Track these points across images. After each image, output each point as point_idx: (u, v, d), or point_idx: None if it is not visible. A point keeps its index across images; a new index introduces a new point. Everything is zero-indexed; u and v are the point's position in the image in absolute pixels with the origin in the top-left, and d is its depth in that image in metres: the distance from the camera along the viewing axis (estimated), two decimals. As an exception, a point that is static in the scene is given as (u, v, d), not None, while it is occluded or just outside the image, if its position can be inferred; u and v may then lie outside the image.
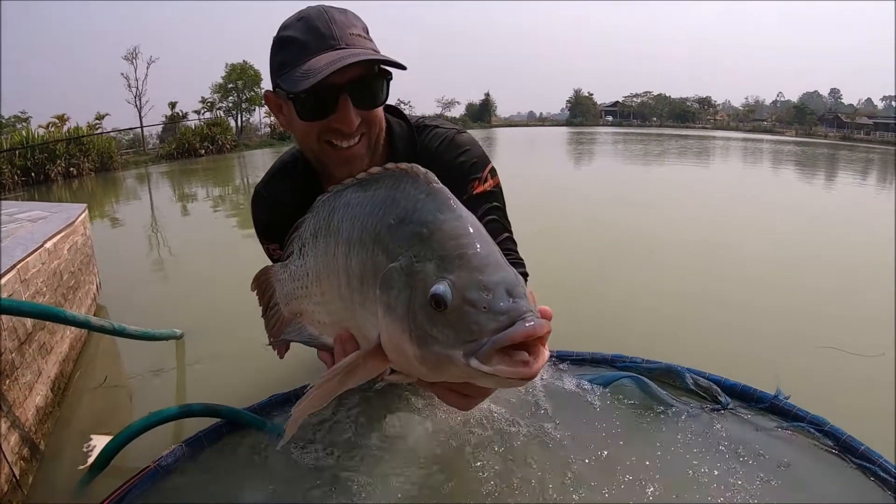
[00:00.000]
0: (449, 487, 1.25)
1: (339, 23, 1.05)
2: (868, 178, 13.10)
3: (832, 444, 1.37)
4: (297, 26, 1.06)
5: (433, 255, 0.61)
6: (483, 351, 0.55)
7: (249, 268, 1.11)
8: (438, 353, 0.59)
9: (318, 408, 0.74)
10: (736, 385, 1.60)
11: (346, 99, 1.04)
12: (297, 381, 1.75)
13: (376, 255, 0.67)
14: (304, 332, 0.92)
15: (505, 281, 0.59)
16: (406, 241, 0.64)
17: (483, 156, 1.28)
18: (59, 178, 15.67)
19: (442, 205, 0.65)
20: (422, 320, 0.60)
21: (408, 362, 0.64)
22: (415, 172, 0.69)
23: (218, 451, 1.44)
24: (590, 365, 1.78)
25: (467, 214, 0.66)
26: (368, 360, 0.70)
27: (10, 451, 1.67)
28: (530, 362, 0.55)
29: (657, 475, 1.27)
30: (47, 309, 1.86)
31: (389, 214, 0.67)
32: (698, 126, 65.60)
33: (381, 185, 0.73)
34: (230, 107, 38.72)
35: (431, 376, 0.64)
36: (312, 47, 1.02)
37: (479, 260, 0.60)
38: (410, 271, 0.62)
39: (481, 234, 0.64)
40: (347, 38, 1.04)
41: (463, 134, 1.30)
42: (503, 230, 1.25)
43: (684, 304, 3.38)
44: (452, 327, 0.58)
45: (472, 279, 0.58)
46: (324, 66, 0.98)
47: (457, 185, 1.20)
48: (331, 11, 1.07)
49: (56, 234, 2.71)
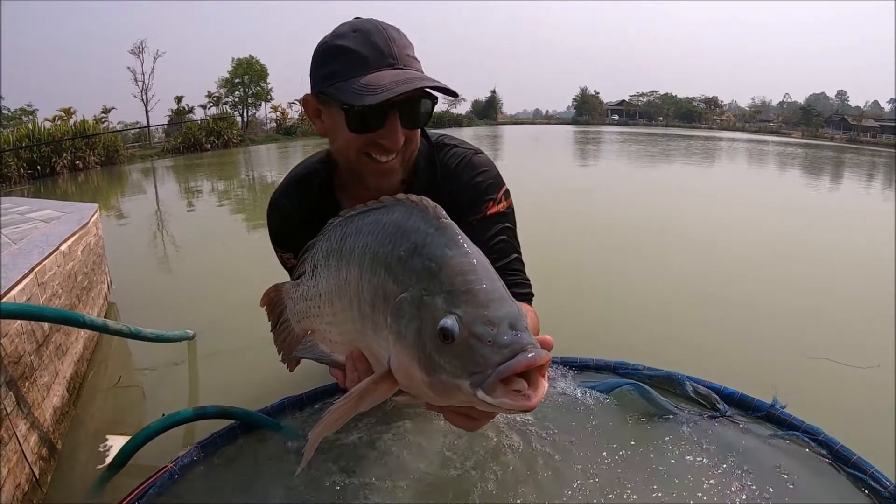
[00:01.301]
0: (452, 492, 1.29)
1: (397, 42, 1.07)
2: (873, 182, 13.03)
3: (826, 453, 1.41)
4: (354, 37, 1.08)
5: (442, 290, 0.66)
6: (488, 383, 0.60)
7: (258, 265, 1.16)
8: (446, 381, 0.64)
9: (334, 430, 0.79)
10: (734, 393, 1.64)
11: (396, 117, 1.07)
12: (308, 382, 1.79)
13: (387, 283, 0.72)
14: (315, 349, 0.97)
15: (509, 316, 0.64)
16: (416, 273, 0.68)
17: (498, 177, 1.33)
18: (65, 171, 15.75)
19: (450, 241, 0.70)
20: (430, 350, 0.65)
21: (417, 387, 0.69)
22: (424, 206, 0.74)
23: (232, 453, 1.48)
24: (593, 371, 1.82)
25: (474, 250, 0.70)
26: (380, 383, 0.74)
27: (31, 452, 1.72)
28: (530, 395, 0.61)
29: (655, 481, 1.31)
30: (67, 314, 1.90)
31: (400, 246, 0.72)
32: (704, 126, 65.35)
33: (391, 214, 0.77)
34: (236, 101, 38.75)
35: (439, 400, 0.69)
36: (371, 62, 1.04)
37: (484, 296, 0.65)
38: (420, 303, 0.66)
39: (487, 270, 0.68)
40: (405, 58, 1.07)
41: (480, 155, 1.34)
42: (513, 250, 1.30)
43: (686, 308, 3.42)
44: (459, 359, 0.63)
45: (478, 314, 0.63)
46: (389, 83, 1.00)
47: (472, 205, 1.27)
48: (389, 29, 1.09)
49: (71, 237, 2.75)
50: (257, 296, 1.16)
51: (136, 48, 32.11)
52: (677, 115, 73.02)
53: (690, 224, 6.16)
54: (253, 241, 5.62)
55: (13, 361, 1.71)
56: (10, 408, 1.64)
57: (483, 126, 47.88)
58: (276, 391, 1.73)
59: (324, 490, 1.30)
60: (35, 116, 27.39)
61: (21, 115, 29.99)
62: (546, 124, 67.27)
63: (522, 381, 0.61)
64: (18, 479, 1.60)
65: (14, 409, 1.67)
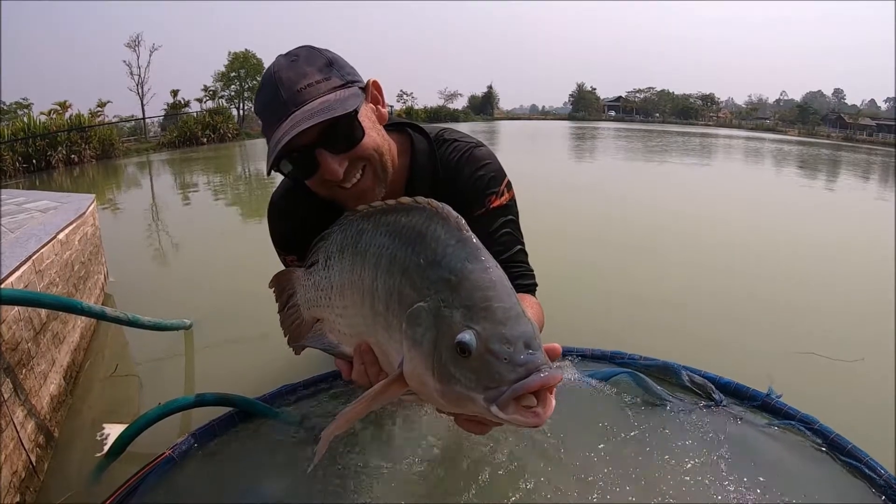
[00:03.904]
0: (449, 479, 1.29)
1: (286, 83, 1.02)
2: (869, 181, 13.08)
3: (821, 441, 1.42)
4: (259, 98, 1.08)
5: (460, 304, 0.67)
6: (502, 400, 0.63)
7: (252, 257, 1.16)
8: (460, 393, 0.66)
9: (345, 429, 0.80)
10: (730, 383, 1.65)
11: (322, 153, 1.03)
12: (304, 370, 1.79)
13: (403, 288, 0.73)
14: (323, 339, 0.97)
15: (524, 335, 0.65)
16: (434, 283, 0.69)
17: (500, 170, 1.32)
18: (61, 165, 15.68)
19: (471, 254, 0.71)
20: (446, 361, 0.66)
21: (429, 393, 0.70)
22: (446, 215, 0.74)
23: (230, 440, 1.48)
24: (590, 360, 1.83)
25: (493, 265, 0.71)
26: (391, 386, 0.76)
27: (28, 439, 1.72)
28: (540, 413, 0.63)
29: (651, 469, 1.31)
30: (65, 300, 1.90)
31: (420, 253, 0.72)
32: (701, 123, 65.33)
33: (411, 218, 0.77)
34: (232, 95, 38.62)
35: (449, 408, 0.71)
36: (271, 119, 1.03)
37: (502, 313, 0.66)
38: (438, 314, 0.68)
39: (505, 287, 0.69)
40: (295, 97, 1.01)
41: (481, 148, 1.33)
42: (516, 242, 1.31)
43: (682, 300, 3.44)
44: (475, 373, 0.64)
45: (496, 332, 0.65)
46: (273, 145, 0.99)
47: (475, 199, 1.27)
48: (279, 73, 1.04)
49: (68, 226, 2.75)
50: (254, 287, 1.17)
51: (131, 42, 32.06)
52: (674, 112, 73.09)
53: (687, 219, 6.19)
54: (249, 234, 5.63)
55: (10, 348, 1.71)
56: (7, 395, 1.64)
57: (479, 121, 47.76)
58: (274, 380, 1.73)
59: (322, 476, 1.30)
60: (30, 110, 27.21)
61: (16, 109, 29.78)
62: (542, 120, 67.21)
63: (533, 398, 0.63)
64: (15, 466, 1.60)
65: (11, 396, 1.67)
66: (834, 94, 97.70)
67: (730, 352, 2.60)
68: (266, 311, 1.12)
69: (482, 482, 1.27)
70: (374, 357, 0.84)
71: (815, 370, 2.48)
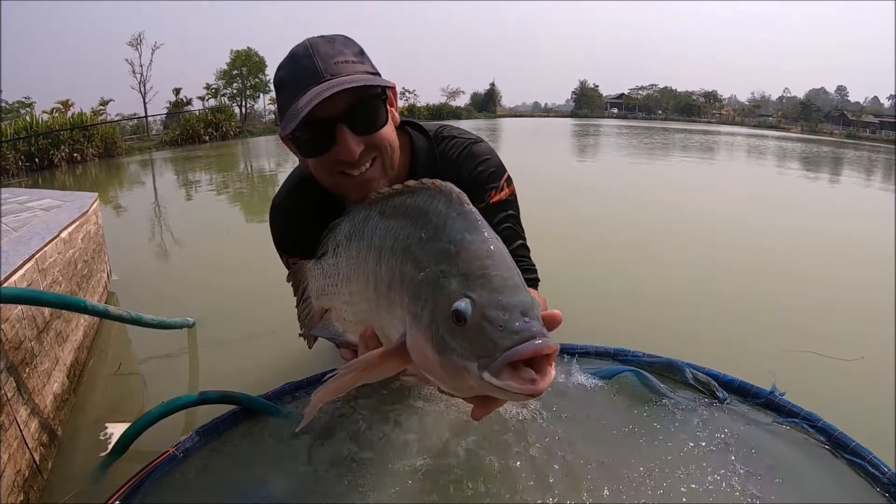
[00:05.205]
0: (451, 476, 1.29)
1: (322, 54, 1.03)
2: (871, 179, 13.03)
3: (824, 440, 1.41)
4: (287, 66, 1.07)
5: (458, 272, 0.66)
6: (494, 366, 0.61)
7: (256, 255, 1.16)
8: (456, 363, 0.64)
9: (336, 396, 0.80)
10: (733, 381, 1.64)
11: (343, 129, 1.03)
12: (307, 368, 1.79)
13: (405, 266, 0.73)
14: (330, 328, 0.98)
15: (522, 304, 0.64)
16: (434, 256, 0.69)
17: (500, 165, 1.32)
18: (63, 163, 15.68)
19: (470, 225, 0.70)
20: (443, 331, 0.65)
21: (429, 366, 0.69)
22: (448, 191, 0.74)
23: (234, 437, 1.48)
24: (593, 358, 1.82)
25: (493, 237, 0.70)
26: (388, 358, 0.75)
27: (31, 438, 1.72)
28: (537, 381, 0.61)
29: (654, 466, 1.31)
30: (68, 299, 1.91)
31: (421, 229, 0.72)
32: (703, 120, 65.09)
33: (415, 198, 0.77)
34: (234, 93, 38.60)
35: (450, 382, 0.69)
36: (299, 86, 1.02)
37: (499, 282, 0.65)
38: (437, 285, 0.67)
39: (504, 258, 0.69)
40: (332, 67, 1.02)
41: (481, 143, 1.34)
42: (517, 237, 1.31)
43: (683, 298, 3.45)
44: (469, 341, 0.63)
45: (492, 299, 0.64)
46: (304, 104, 0.98)
47: (475, 194, 1.26)
48: (316, 44, 1.05)
49: (71, 224, 2.75)
50: (257, 285, 1.18)
51: (134, 40, 32.02)
52: (676, 109, 72.77)
53: (689, 217, 6.18)
54: (252, 231, 5.63)
55: (13, 347, 1.71)
56: (11, 393, 1.64)
57: (482, 119, 47.68)
58: (277, 378, 1.73)
59: (324, 474, 1.31)
60: (33, 109, 27.23)
61: (19, 108, 29.80)
62: (545, 117, 67.08)
63: (530, 370, 0.61)
64: (19, 465, 1.60)
65: (14, 394, 1.67)
66: (837, 91, 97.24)
67: (730, 349, 2.60)
68: (269, 309, 1.14)
69: (484, 482, 1.27)
70: (378, 343, 0.84)
71: (815, 368, 2.48)
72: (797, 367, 2.45)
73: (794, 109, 68.31)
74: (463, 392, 0.70)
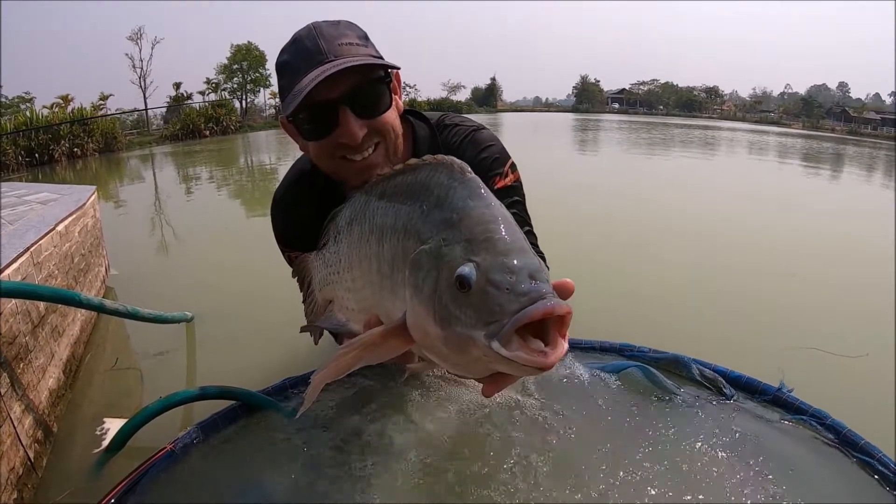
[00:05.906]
0: (452, 477, 1.26)
1: (327, 36, 1.02)
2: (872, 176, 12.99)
3: (833, 437, 1.39)
4: (290, 49, 1.06)
5: (461, 239, 0.63)
6: (503, 333, 0.56)
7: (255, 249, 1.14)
8: (460, 334, 0.60)
9: (336, 378, 0.77)
10: (741, 377, 1.61)
11: (346, 111, 1.02)
12: (308, 363, 1.78)
13: (407, 241, 0.70)
14: (333, 318, 0.95)
15: (528, 266, 0.60)
16: (436, 226, 0.66)
17: (504, 151, 1.30)
18: (63, 158, 15.67)
19: (473, 192, 0.67)
20: (446, 301, 0.61)
21: (431, 343, 0.66)
22: (450, 163, 0.71)
23: (233, 433, 1.46)
24: (598, 353, 1.80)
25: (497, 203, 0.67)
26: (389, 338, 0.72)
27: (25, 435, 1.70)
28: (548, 353, 0.57)
29: (660, 462, 1.29)
30: (63, 293, 1.88)
31: (423, 201, 0.70)
32: (705, 116, 65.09)
33: (416, 174, 0.75)
34: (235, 88, 38.53)
35: (455, 357, 0.65)
36: (302, 67, 1.01)
37: (504, 245, 0.62)
38: (438, 254, 0.64)
39: (509, 222, 0.65)
40: (336, 49, 1.01)
41: (483, 130, 1.31)
42: (524, 223, 1.28)
43: (684, 297, 3.42)
44: (475, 308, 0.59)
45: (497, 262, 0.60)
46: (306, 84, 0.96)
47: None
48: (320, 27, 1.04)
49: (67, 217, 2.73)
50: (257, 281, 1.16)
51: (134, 35, 31.95)
52: (678, 105, 72.70)
53: (692, 215, 6.17)
54: (252, 226, 5.61)
55: (7, 342, 1.68)
56: (4, 389, 1.62)
57: (482, 113, 47.59)
58: (276, 374, 1.71)
59: (324, 470, 1.28)
60: (33, 104, 27.23)
61: (19, 103, 29.81)
62: (546, 112, 67.00)
63: (539, 341, 0.58)
64: (13, 463, 1.58)
65: (8, 391, 1.64)
66: (838, 87, 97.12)
67: (731, 348, 2.57)
68: (269, 304, 1.11)
69: (486, 480, 1.24)
70: None
71: (818, 367, 2.45)
72: (800, 366, 2.42)
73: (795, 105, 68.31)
74: (469, 369, 0.66)
